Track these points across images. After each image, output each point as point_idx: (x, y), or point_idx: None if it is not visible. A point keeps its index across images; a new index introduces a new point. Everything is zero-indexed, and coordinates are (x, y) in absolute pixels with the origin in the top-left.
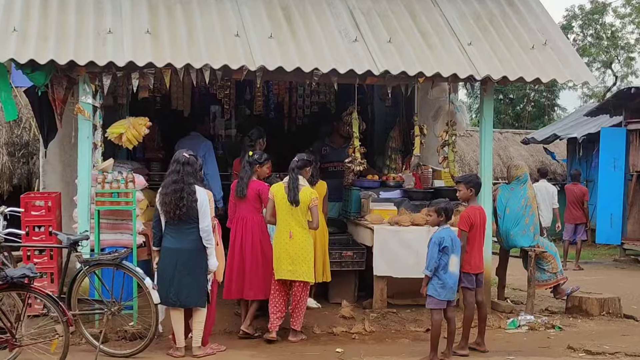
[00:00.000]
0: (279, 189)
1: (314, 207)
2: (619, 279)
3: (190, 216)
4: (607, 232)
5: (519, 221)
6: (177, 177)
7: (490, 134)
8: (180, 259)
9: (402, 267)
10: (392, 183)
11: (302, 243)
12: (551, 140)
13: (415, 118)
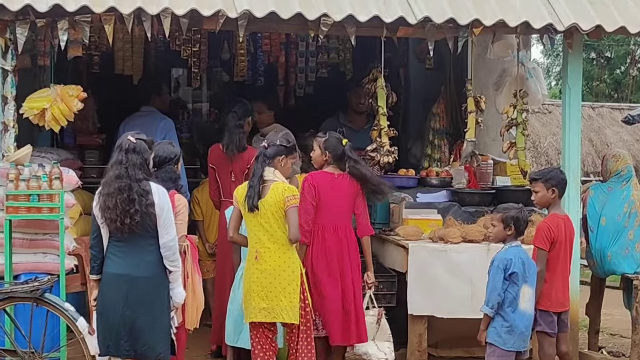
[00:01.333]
0: (244, 191)
1: (291, 210)
2: None
3: (145, 227)
4: None
5: (619, 236)
6: (120, 171)
7: (577, 109)
8: (132, 291)
9: (449, 302)
10: (436, 181)
11: (277, 265)
12: None
13: (468, 86)
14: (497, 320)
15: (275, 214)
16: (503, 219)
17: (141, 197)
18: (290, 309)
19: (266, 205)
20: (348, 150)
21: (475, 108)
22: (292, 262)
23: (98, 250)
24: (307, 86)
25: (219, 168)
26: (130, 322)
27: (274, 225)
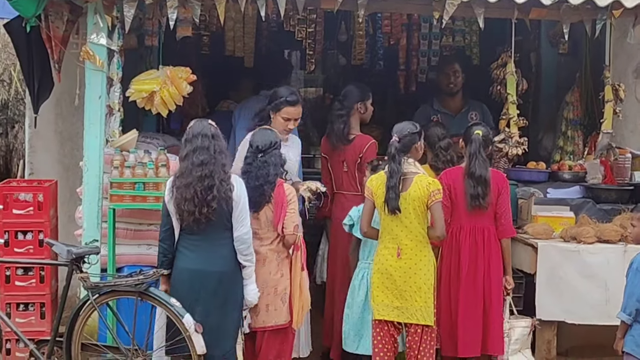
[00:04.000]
0: (380, 182)
1: (436, 205)
2: None
3: (221, 216)
4: None
5: None
6: (206, 157)
7: None
8: (204, 286)
9: (581, 307)
10: (568, 175)
11: (417, 265)
12: None
13: (606, 74)
14: (635, 328)
15: (417, 208)
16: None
17: (222, 182)
18: (425, 310)
19: (408, 199)
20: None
21: (613, 97)
22: (429, 260)
23: (169, 244)
24: (430, 71)
25: (331, 158)
26: (201, 319)
27: (414, 221)
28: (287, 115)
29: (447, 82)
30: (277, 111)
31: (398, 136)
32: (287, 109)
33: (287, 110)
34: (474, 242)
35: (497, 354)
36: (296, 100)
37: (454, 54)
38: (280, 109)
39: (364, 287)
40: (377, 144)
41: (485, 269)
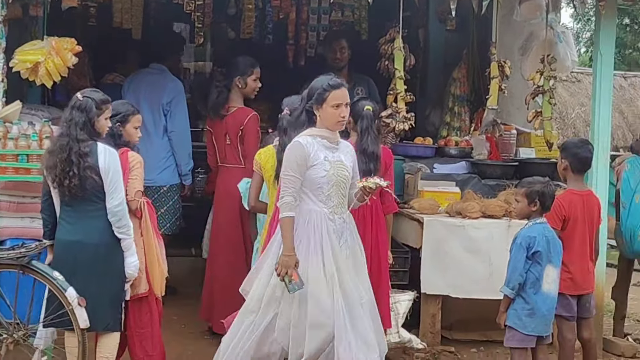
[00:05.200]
0: (269, 156)
1: None
2: None
3: (86, 192)
4: None
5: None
6: (65, 129)
7: (609, 78)
8: (82, 259)
9: (465, 282)
10: (454, 151)
11: None
12: None
13: (492, 50)
14: (517, 302)
15: None
16: (527, 194)
17: (80, 158)
18: None
19: None
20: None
21: (499, 73)
22: None
23: (48, 214)
24: (319, 46)
25: (214, 131)
26: (79, 291)
27: None
28: (336, 101)
29: (334, 57)
30: (323, 102)
31: (289, 109)
32: (333, 94)
33: (335, 96)
34: (362, 217)
35: (386, 327)
36: (339, 82)
37: (342, 29)
38: (326, 98)
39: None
40: (258, 116)
41: (373, 244)
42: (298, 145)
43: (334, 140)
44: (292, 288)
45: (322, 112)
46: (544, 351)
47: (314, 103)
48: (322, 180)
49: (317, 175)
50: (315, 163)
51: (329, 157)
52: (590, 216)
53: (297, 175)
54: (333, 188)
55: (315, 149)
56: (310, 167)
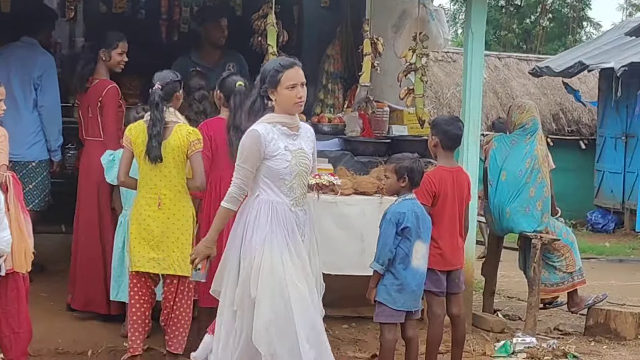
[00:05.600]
0: (139, 131)
1: (196, 155)
2: None
3: None
4: None
5: (520, 192)
6: None
7: (480, 57)
8: None
9: (338, 258)
10: (327, 128)
11: (175, 215)
12: (575, 72)
13: (365, 27)
14: (387, 277)
15: (177, 158)
16: (396, 170)
17: None
18: (182, 261)
19: (168, 149)
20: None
21: (372, 51)
22: (187, 211)
23: None
24: (193, 21)
25: (81, 104)
26: None
27: (173, 171)
28: (290, 81)
29: (219, 35)
30: (277, 84)
31: (160, 84)
32: (286, 74)
33: (288, 76)
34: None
35: None
36: (292, 61)
37: (216, 4)
38: (280, 80)
39: (121, 235)
40: (117, 88)
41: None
42: (254, 135)
43: (294, 126)
44: (196, 275)
45: (277, 95)
46: (413, 326)
47: (268, 86)
48: (285, 171)
49: (279, 167)
50: (276, 154)
51: (289, 147)
52: (460, 193)
53: (248, 167)
54: (296, 179)
55: (275, 137)
56: (271, 157)
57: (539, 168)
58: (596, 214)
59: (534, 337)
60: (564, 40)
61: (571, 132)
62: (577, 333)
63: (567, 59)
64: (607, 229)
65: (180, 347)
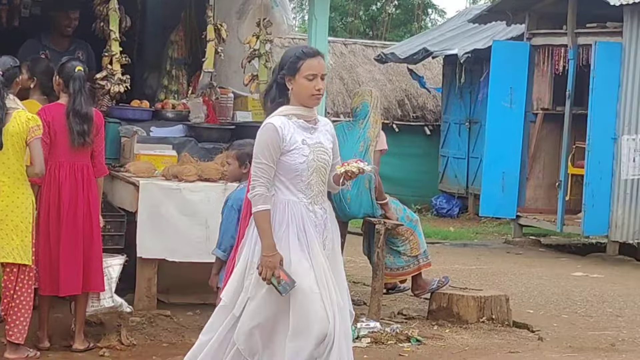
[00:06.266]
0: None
1: (35, 141)
2: (511, 270)
3: None
4: (497, 200)
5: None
6: None
7: (324, 43)
8: None
9: (182, 245)
10: (171, 114)
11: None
12: (420, 59)
13: (208, 13)
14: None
15: (15, 145)
16: (238, 156)
17: None
18: (22, 249)
19: (7, 135)
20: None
21: (215, 37)
22: (27, 198)
23: None
24: (34, 6)
25: None
26: None
27: (12, 157)
28: (310, 71)
29: (67, 25)
30: (297, 72)
31: (1, 70)
32: (308, 63)
33: (310, 65)
34: (74, 180)
35: (99, 290)
36: (315, 51)
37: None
38: (300, 68)
39: None
40: None
41: (85, 207)
42: (271, 128)
43: (312, 118)
44: (284, 289)
45: (295, 84)
46: None
47: (286, 73)
48: (302, 166)
49: (296, 162)
50: (292, 148)
51: (307, 140)
52: None
53: (270, 162)
54: (313, 175)
55: (292, 131)
56: (287, 152)
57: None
58: (441, 199)
59: (378, 321)
60: (410, 27)
61: (416, 118)
62: (420, 317)
63: (412, 46)
64: (451, 214)
65: (21, 336)
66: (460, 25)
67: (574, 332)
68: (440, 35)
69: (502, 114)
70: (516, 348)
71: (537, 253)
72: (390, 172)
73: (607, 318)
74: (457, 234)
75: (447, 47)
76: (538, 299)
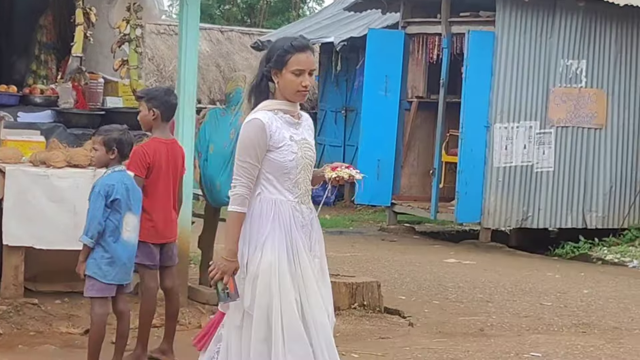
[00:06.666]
0: None
1: None
2: (385, 257)
3: None
4: (372, 187)
5: (227, 164)
6: None
7: (195, 30)
8: None
9: (50, 232)
10: (40, 99)
11: None
12: None
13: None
14: (97, 251)
15: None
16: (105, 142)
17: None
18: None
19: None
20: None
21: (85, 21)
22: None
23: None
24: None
25: None
26: None
27: None
28: (298, 66)
29: None
30: (284, 66)
31: None
32: (296, 57)
33: (298, 60)
34: None
35: None
36: (305, 44)
37: None
38: (287, 62)
39: None
40: None
41: None
42: (257, 124)
43: (296, 113)
44: (224, 298)
45: (281, 78)
46: (124, 300)
47: (273, 66)
48: (291, 164)
49: (285, 159)
50: (281, 145)
51: (294, 137)
52: (175, 165)
53: (254, 161)
54: (301, 173)
55: (279, 127)
56: (275, 149)
57: None
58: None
59: None
60: (287, 15)
61: None
62: None
63: (288, 33)
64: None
65: None
66: (336, 14)
67: (444, 317)
68: (317, 24)
69: (378, 102)
70: (387, 334)
71: (412, 240)
72: None
73: (478, 304)
74: (333, 222)
75: (324, 35)
76: (410, 286)
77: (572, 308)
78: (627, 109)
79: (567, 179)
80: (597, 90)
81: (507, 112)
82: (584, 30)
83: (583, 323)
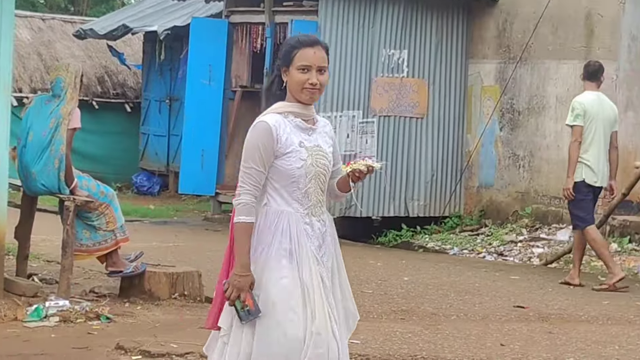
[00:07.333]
0: None
1: None
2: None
3: None
4: (197, 177)
5: (44, 153)
6: None
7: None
8: None
9: None
10: None
11: None
12: (120, 35)
13: None
14: None
15: None
16: None
17: None
18: None
19: None
20: None
21: None
22: None
23: None
24: None
25: None
26: None
27: None
28: (303, 61)
29: None
30: (290, 63)
31: None
32: (302, 52)
33: (304, 55)
34: None
35: None
36: (314, 40)
37: None
38: (293, 58)
39: None
40: None
41: None
42: (263, 127)
43: (310, 117)
44: (245, 316)
45: (289, 76)
46: None
47: (281, 64)
48: (299, 172)
49: (292, 166)
50: (289, 150)
51: (305, 142)
52: None
53: (260, 167)
54: (311, 182)
55: (288, 131)
56: (282, 155)
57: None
58: (141, 176)
59: (67, 300)
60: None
61: (117, 95)
62: (112, 295)
63: (111, 22)
64: (152, 192)
65: None
66: (160, 2)
67: None
68: (141, 12)
69: (201, 92)
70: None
71: None
72: (90, 150)
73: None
74: (158, 212)
75: (147, 23)
76: None
77: (392, 295)
78: (447, 98)
79: (390, 168)
80: (418, 80)
81: (330, 101)
82: (406, 20)
83: (402, 310)
